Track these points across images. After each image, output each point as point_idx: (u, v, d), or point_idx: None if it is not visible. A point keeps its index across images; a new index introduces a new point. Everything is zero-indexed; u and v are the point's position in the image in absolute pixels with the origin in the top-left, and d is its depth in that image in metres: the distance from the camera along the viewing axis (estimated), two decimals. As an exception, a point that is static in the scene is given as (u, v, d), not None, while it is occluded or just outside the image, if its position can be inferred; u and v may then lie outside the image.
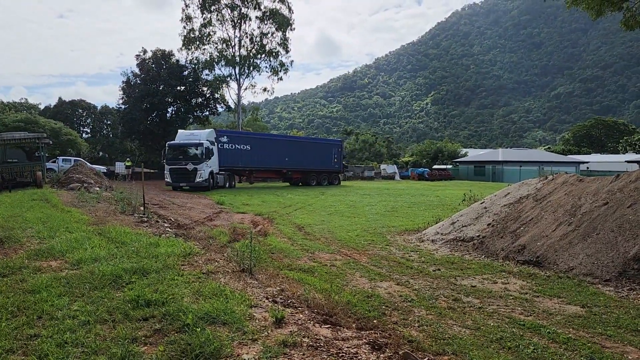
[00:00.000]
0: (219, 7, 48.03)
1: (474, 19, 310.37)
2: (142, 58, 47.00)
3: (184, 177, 29.25)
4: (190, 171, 29.06)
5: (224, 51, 48.36)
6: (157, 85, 45.96)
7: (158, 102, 45.26)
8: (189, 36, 48.24)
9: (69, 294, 5.22)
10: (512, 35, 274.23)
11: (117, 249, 7.88)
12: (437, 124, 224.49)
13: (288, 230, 13.07)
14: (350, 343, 4.16)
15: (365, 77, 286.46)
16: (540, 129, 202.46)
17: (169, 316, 4.44)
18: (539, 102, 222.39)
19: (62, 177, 25.61)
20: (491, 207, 11.34)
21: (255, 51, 48.22)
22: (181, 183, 29.48)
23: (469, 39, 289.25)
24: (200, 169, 29.19)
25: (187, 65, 48.00)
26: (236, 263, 6.98)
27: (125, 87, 46.37)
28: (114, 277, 5.80)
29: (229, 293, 5.25)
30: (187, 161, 29.31)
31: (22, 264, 6.73)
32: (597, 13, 13.15)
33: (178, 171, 29.43)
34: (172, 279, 5.78)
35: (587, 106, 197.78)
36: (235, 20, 48.12)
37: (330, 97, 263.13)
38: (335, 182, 40.26)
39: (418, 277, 7.79)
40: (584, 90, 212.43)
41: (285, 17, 48.04)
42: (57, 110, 69.69)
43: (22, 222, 11.10)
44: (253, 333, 4.13)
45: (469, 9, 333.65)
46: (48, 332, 4.11)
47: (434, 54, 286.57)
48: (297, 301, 5.51)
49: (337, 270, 8.26)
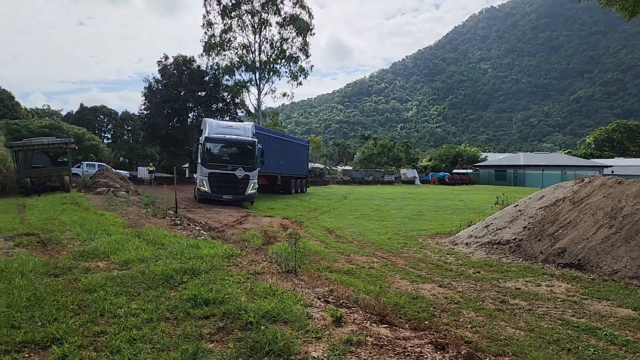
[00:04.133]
0: (240, 13, 48.41)
1: (491, 23, 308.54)
2: (164, 64, 47.55)
3: (230, 186, 21.31)
4: (240, 179, 21.36)
5: (244, 56, 48.71)
6: (179, 91, 46.42)
7: (180, 107, 45.75)
8: (210, 42, 48.66)
9: (125, 293, 5.29)
10: (530, 39, 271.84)
11: (160, 250, 7.98)
12: (454, 128, 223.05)
13: (319, 233, 13.10)
14: (412, 342, 4.15)
15: (382, 81, 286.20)
16: (560, 133, 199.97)
17: (230, 314, 4.48)
18: (558, 105, 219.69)
19: (89, 182, 26.04)
20: (526, 210, 11.23)
21: (276, 56, 48.48)
22: (225, 195, 21.27)
23: (486, 43, 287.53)
24: (252, 177, 21.75)
25: (208, 71, 48.43)
26: (280, 264, 7.01)
27: (147, 92, 46.93)
28: (166, 277, 5.87)
29: (281, 293, 5.28)
30: (236, 165, 21.52)
31: (71, 265, 6.84)
32: (631, 13, 12.98)
33: (222, 178, 21.27)
34: (223, 279, 5.83)
35: (608, 110, 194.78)
36: (255, 25, 48.47)
37: (347, 102, 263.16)
38: (304, 190, 33.80)
39: (459, 280, 7.75)
40: (605, 94, 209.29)
41: (306, 22, 48.21)
42: (79, 116, 70.89)
43: (60, 225, 11.29)
44: (316, 332, 4.15)
45: (487, 12, 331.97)
46: (114, 329, 4.17)
47: (452, 57, 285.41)
48: (349, 301, 5.52)
49: (376, 272, 8.25)
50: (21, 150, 25.08)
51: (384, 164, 77.57)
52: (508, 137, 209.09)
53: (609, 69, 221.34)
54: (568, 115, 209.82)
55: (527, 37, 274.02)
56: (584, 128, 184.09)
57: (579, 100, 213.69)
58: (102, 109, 74.84)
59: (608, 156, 79.53)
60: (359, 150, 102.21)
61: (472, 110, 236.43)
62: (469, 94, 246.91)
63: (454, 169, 68.27)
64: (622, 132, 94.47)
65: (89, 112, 73.96)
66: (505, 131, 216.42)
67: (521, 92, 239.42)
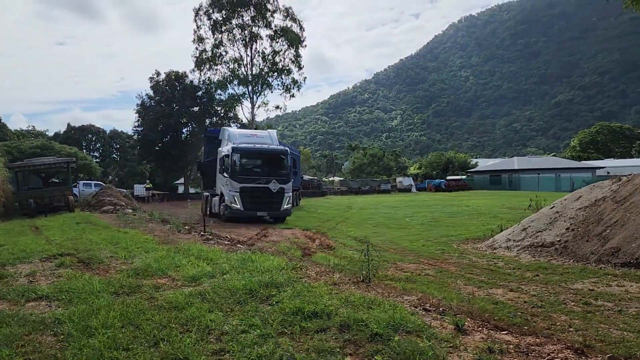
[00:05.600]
0: (230, 27, 48.46)
1: (471, 31, 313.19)
2: (156, 80, 47.33)
3: (265, 202, 19.23)
4: (275, 193, 19.27)
5: (236, 70, 48.67)
6: (172, 107, 46.17)
7: (174, 123, 45.45)
8: (201, 57, 48.61)
9: (217, 309, 5.07)
10: (509, 46, 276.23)
11: (213, 265, 7.75)
12: (439, 136, 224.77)
13: (351, 243, 12.93)
14: (548, 348, 4.00)
15: (365, 92, 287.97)
16: (543, 136, 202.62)
17: (347, 327, 4.29)
18: (540, 110, 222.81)
19: (92, 201, 25.58)
20: (564, 211, 11.19)
21: (268, 69, 48.51)
22: (259, 212, 19.20)
23: (467, 51, 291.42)
24: (287, 190, 19.73)
25: (201, 86, 48.26)
26: (354, 274, 6.83)
27: (140, 109, 46.55)
28: (249, 291, 5.65)
29: (380, 303, 5.10)
30: (269, 178, 19.41)
31: (134, 283, 6.59)
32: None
33: (256, 193, 19.06)
34: (309, 290, 5.64)
35: (589, 113, 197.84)
36: (246, 39, 48.52)
37: (332, 114, 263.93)
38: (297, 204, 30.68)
39: (525, 284, 7.62)
40: (584, 97, 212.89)
41: (297, 34, 48.46)
42: (67, 136, 70.08)
43: (90, 244, 10.97)
44: (448, 341, 3.98)
45: (466, 20, 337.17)
46: (234, 347, 3.96)
47: (433, 66, 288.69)
48: (444, 308, 5.35)
49: (435, 279, 8.10)
50: (20, 171, 24.58)
51: (375, 174, 77.70)
52: (492, 143, 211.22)
53: (586, 73, 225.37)
54: (550, 119, 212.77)
55: (506, 44, 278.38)
56: (566, 131, 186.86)
57: (560, 104, 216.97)
58: (90, 128, 74.16)
59: (595, 158, 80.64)
60: (348, 160, 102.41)
61: (456, 117, 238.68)
62: (452, 102, 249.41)
63: (446, 176, 68.54)
64: (606, 134, 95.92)
65: (77, 131, 73.17)
66: (490, 137, 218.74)
67: (503, 98, 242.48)
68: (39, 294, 6.30)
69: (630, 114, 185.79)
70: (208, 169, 23.01)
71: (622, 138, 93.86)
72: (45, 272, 8.14)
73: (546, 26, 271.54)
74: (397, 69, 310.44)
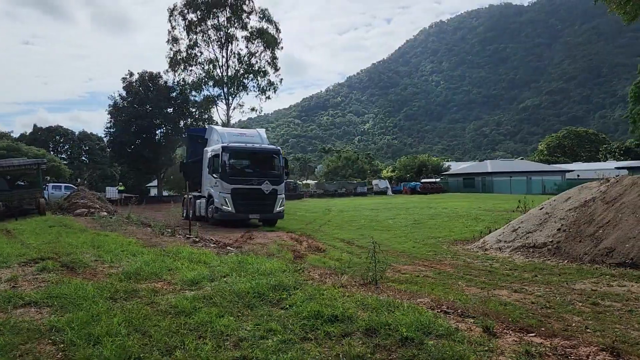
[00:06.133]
0: (205, 28, 47.80)
1: (441, 36, 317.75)
2: (129, 81, 46.24)
3: (257, 204, 18.36)
4: (267, 195, 18.40)
5: (211, 71, 48.03)
6: (145, 108, 45.19)
7: (147, 124, 44.50)
8: (176, 58, 47.77)
9: (227, 314, 4.81)
10: (478, 52, 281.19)
11: (209, 268, 7.46)
12: (411, 140, 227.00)
13: (339, 245, 12.76)
14: (583, 350, 3.88)
15: (338, 95, 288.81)
16: (512, 140, 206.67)
17: (373, 330, 4.09)
18: (508, 114, 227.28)
19: (65, 204, 24.68)
20: (554, 212, 11.25)
21: (244, 70, 48.00)
22: (251, 215, 18.49)
23: (437, 56, 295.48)
24: (280, 191, 18.93)
25: (176, 87, 47.44)
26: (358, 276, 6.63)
27: (112, 110, 45.42)
28: (257, 294, 5.40)
29: (397, 305, 4.92)
30: (261, 179, 18.53)
31: (128, 287, 6.25)
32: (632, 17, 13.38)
33: (248, 195, 18.16)
34: (321, 293, 5.41)
35: (555, 117, 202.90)
36: (222, 40, 47.92)
37: (304, 117, 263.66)
38: None
39: (527, 284, 7.57)
40: (551, 103, 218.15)
41: (273, 36, 48.04)
42: (33, 137, 68.03)
43: (70, 247, 10.47)
44: (482, 344, 3.82)
45: (437, 26, 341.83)
46: (257, 354, 3.71)
47: (405, 71, 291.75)
48: (462, 310, 5.20)
49: (436, 280, 7.99)
50: (-12, 173, 23.59)
51: (349, 176, 77.79)
52: (462, 147, 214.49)
53: (553, 79, 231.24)
54: (518, 123, 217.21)
55: (476, 50, 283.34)
56: (533, 136, 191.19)
57: (527, 109, 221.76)
58: (58, 129, 72.12)
59: (563, 161, 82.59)
60: (322, 163, 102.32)
61: (427, 121, 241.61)
62: (423, 106, 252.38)
63: (419, 179, 69.07)
64: (572, 139, 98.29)
65: (44, 132, 71.10)
66: (460, 141, 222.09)
67: (473, 103, 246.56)
68: (26, 299, 5.92)
69: (594, 119, 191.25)
70: (191, 170, 22.17)
71: (587, 142, 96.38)
72: (27, 277, 7.69)
73: (514, 33, 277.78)
74: (369, 72, 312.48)
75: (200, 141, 22.07)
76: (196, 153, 21.97)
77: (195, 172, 21.32)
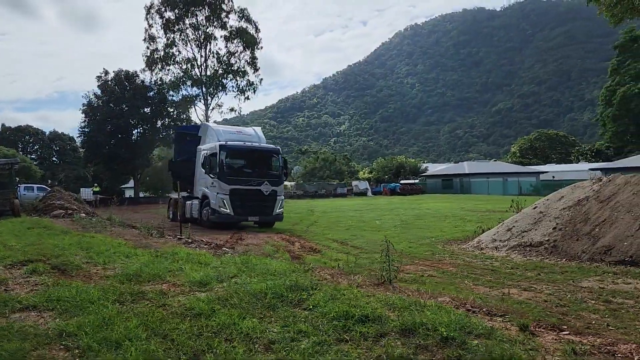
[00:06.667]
0: (183, 27, 47.16)
1: (416, 39, 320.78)
2: (104, 79, 45.25)
3: (256, 206, 17.63)
4: (267, 196, 17.76)
5: (189, 71, 47.42)
6: (121, 107, 44.28)
7: (123, 124, 43.60)
8: (153, 56, 47.00)
9: (249, 315, 4.60)
10: (452, 55, 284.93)
11: (213, 269, 7.22)
12: (386, 141, 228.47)
13: (333, 245, 12.61)
14: (622, 348, 3.81)
15: (314, 96, 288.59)
16: (485, 143, 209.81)
17: (410, 331, 3.95)
18: (482, 117, 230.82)
19: (40, 205, 23.92)
20: (548, 211, 11.32)
21: (223, 70, 47.49)
22: (250, 217, 17.86)
23: (412, 58, 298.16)
24: (279, 192, 18.40)
25: (153, 87, 46.62)
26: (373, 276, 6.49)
27: (87, 109, 44.34)
28: (275, 295, 5.20)
29: (424, 304, 4.79)
30: (260, 179, 17.81)
31: (133, 290, 5.98)
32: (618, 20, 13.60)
33: (247, 196, 17.44)
34: (341, 293, 5.25)
35: (526, 120, 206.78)
36: (200, 39, 47.34)
37: (280, 118, 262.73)
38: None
39: (534, 283, 7.54)
40: (522, 106, 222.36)
41: (252, 36, 47.69)
42: (2, 137, 66.06)
43: (57, 249, 10.06)
44: (524, 343, 3.71)
45: (411, 29, 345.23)
46: (296, 357, 3.54)
47: (380, 73, 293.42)
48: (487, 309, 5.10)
49: (442, 280, 7.91)
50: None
51: (327, 178, 77.77)
52: (437, 149, 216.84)
53: (525, 82, 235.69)
54: (491, 126, 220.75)
55: (450, 53, 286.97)
56: (506, 138, 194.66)
57: (500, 112, 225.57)
58: (28, 129, 70.21)
59: (536, 163, 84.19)
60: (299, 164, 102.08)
61: (402, 123, 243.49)
62: (399, 108, 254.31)
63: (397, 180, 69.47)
64: (544, 141, 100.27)
65: (12, 132, 69.13)
66: (435, 142, 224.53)
67: (447, 105, 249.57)
68: (24, 303, 5.59)
69: (564, 122, 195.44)
70: (180, 169, 21.16)
71: (558, 144, 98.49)
72: (17, 279, 7.34)
73: (487, 37, 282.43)
74: (345, 74, 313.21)
75: (189, 139, 21.39)
76: (185, 151, 21.19)
77: (185, 171, 20.48)
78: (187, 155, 20.91)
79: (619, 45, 63.97)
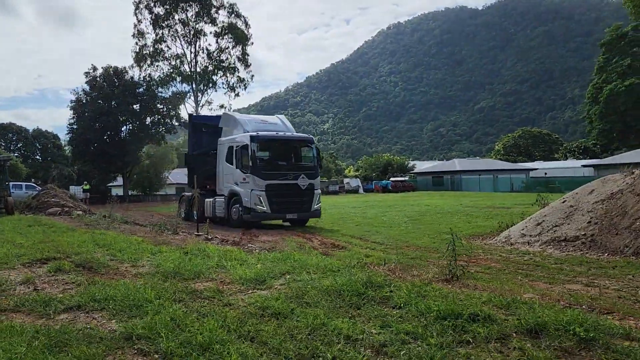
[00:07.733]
0: (172, 22, 46.33)
1: (399, 38, 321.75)
2: (92, 75, 44.11)
3: (293, 202, 16.22)
4: (305, 190, 16.34)
5: (179, 67, 46.63)
6: (110, 104, 43.26)
7: (112, 121, 42.60)
8: (142, 52, 46.11)
9: (334, 315, 4.22)
10: (435, 53, 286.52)
11: (262, 266, 6.79)
12: (370, 140, 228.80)
13: (354, 241, 12.19)
14: None
15: (298, 95, 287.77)
16: (467, 141, 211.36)
17: (536, 332, 3.58)
18: (464, 115, 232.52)
19: (34, 202, 23.11)
20: (579, 205, 11.06)
21: (213, 67, 46.76)
22: (289, 214, 16.32)
23: (395, 57, 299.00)
24: (317, 186, 17.00)
25: (142, 83, 45.70)
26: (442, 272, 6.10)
27: (75, 106, 43.22)
28: (356, 293, 4.78)
29: (524, 301, 4.41)
30: (296, 172, 16.40)
31: (184, 288, 5.51)
32: (639, 13, 13.44)
33: (285, 192, 16.10)
34: (424, 290, 4.85)
35: (509, 119, 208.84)
36: (189, 36, 46.54)
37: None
38: None
39: (593, 278, 7.22)
40: (505, 104, 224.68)
41: (243, 31, 47.03)
42: (-17, 135, 64.37)
43: (72, 247, 9.53)
44: None
45: (394, 28, 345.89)
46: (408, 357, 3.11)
47: (364, 71, 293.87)
48: (586, 305, 4.74)
49: (491, 276, 7.54)
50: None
51: (315, 176, 77.32)
52: (420, 147, 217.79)
53: (507, 81, 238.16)
54: (473, 124, 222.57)
55: (433, 52, 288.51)
56: (488, 136, 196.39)
57: (483, 110, 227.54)
58: (11, 127, 68.48)
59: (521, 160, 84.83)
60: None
61: (386, 121, 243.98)
62: (382, 106, 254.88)
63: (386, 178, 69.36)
64: (527, 139, 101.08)
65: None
66: (418, 141, 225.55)
67: (430, 104, 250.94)
68: (66, 304, 5.13)
69: (545, 120, 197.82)
70: (197, 163, 19.76)
71: (541, 142, 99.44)
72: (43, 278, 6.86)
73: (469, 36, 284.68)
74: (328, 72, 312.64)
75: (205, 130, 20.08)
76: (202, 144, 19.82)
77: (203, 165, 19.15)
78: (203, 147, 19.67)
79: (605, 43, 64.63)
